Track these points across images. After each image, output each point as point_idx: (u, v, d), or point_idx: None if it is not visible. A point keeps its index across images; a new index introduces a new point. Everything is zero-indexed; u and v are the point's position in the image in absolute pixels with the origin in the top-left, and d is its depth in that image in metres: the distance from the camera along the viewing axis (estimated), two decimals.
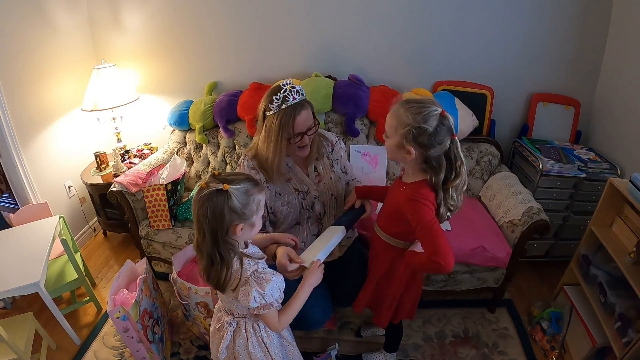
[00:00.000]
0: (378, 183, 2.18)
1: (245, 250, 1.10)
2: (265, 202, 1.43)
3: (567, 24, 2.12)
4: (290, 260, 1.22)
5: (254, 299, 1.03)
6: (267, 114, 1.35)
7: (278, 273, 1.10)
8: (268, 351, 1.21)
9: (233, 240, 1.04)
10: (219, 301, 1.24)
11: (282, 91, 1.30)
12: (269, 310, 1.07)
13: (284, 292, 1.11)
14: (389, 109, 1.15)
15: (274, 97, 1.31)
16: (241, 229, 1.03)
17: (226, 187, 0.98)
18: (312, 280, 1.18)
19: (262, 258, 1.13)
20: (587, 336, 1.60)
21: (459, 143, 1.11)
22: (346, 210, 1.52)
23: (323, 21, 2.26)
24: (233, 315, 1.19)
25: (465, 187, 1.16)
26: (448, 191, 1.13)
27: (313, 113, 1.39)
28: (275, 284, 1.06)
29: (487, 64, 2.26)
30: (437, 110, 1.07)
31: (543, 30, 2.15)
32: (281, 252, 1.25)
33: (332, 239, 1.32)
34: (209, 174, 1.06)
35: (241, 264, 1.05)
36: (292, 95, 1.31)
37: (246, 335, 1.18)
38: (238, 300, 1.07)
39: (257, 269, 1.07)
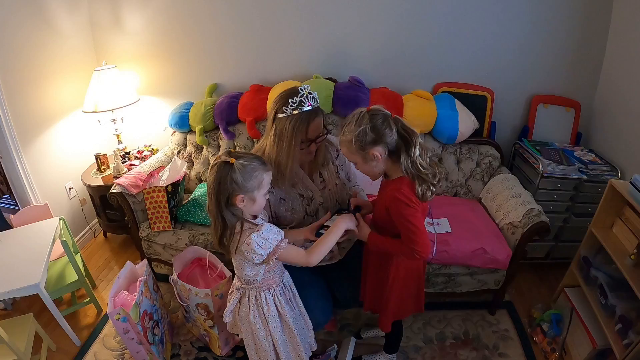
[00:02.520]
0: (378, 184, 2.17)
1: (251, 220, 1.19)
2: (270, 206, 1.43)
3: (567, 26, 2.13)
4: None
5: (257, 244, 1.12)
6: (279, 115, 1.30)
7: (267, 223, 1.20)
8: (267, 325, 1.28)
9: (235, 208, 1.14)
10: None
11: (298, 95, 1.26)
12: (280, 251, 1.16)
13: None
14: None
15: (289, 100, 1.26)
16: (242, 201, 1.13)
17: (232, 160, 1.10)
18: (348, 222, 1.27)
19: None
20: (587, 338, 1.60)
21: (400, 118, 1.17)
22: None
23: (324, 23, 2.26)
24: (241, 282, 1.29)
25: (429, 154, 1.19)
26: (416, 163, 1.15)
27: (324, 121, 1.37)
28: (268, 227, 1.16)
29: (488, 65, 2.26)
30: (360, 111, 1.17)
31: (543, 32, 2.15)
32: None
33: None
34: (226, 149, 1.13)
35: (242, 227, 1.16)
36: (308, 101, 1.28)
37: (248, 304, 1.29)
38: (245, 258, 1.16)
39: (251, 228, 1.17)
